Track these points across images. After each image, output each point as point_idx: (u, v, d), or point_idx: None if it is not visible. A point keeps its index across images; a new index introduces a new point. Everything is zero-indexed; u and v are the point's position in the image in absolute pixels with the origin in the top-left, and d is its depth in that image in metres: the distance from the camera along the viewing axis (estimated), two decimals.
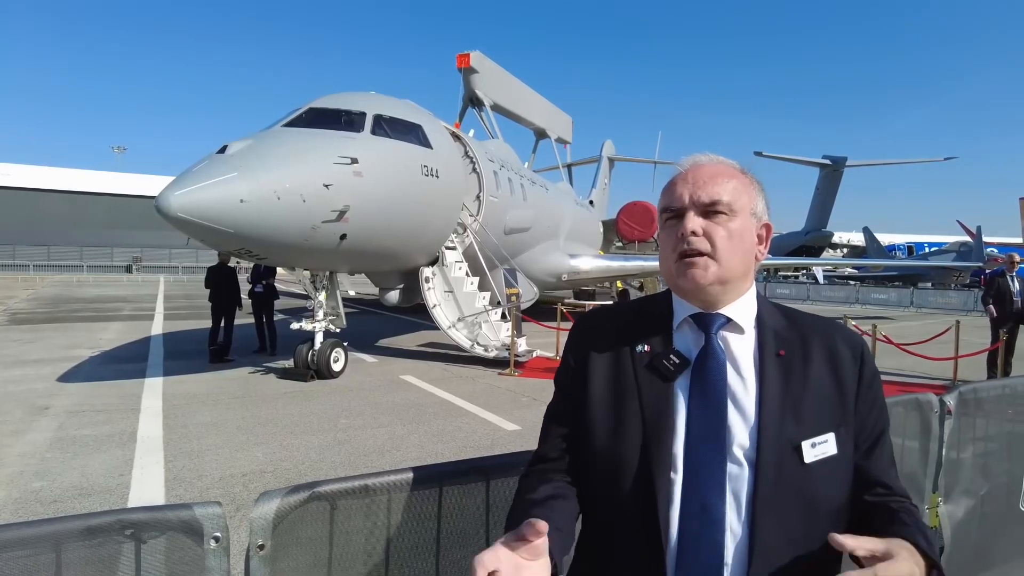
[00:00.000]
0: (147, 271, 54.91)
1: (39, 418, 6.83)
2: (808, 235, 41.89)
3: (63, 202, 55.72)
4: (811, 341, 1.20)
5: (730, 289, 1.19)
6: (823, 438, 1.12)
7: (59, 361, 10.30)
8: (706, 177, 1.18)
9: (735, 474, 1.09)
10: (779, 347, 1.18)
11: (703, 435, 1.11)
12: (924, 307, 26.61)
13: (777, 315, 1.25)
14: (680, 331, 1.23)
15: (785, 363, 1.17)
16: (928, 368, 10.20)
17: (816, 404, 1.14)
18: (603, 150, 30.73)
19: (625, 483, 1.14)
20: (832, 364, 1.18)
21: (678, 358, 1.17)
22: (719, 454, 1.10)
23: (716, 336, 1.18)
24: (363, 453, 5.87)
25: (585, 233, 21.50)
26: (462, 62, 15.63)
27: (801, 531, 1.09)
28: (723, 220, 1.16)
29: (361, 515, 1.52)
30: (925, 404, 2.84)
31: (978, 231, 34.79)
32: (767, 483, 1.08)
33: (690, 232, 1.15)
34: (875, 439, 1.19)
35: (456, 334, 10.99)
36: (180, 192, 6.73)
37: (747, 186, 1.21)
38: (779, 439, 1.10)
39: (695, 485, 1.09)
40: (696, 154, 1.25)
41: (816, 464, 1.10)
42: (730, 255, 1.16)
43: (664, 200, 1.23)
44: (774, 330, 1.21)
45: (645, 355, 1.20)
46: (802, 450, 1.10)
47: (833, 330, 1.24)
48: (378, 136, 9.04)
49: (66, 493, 4.75)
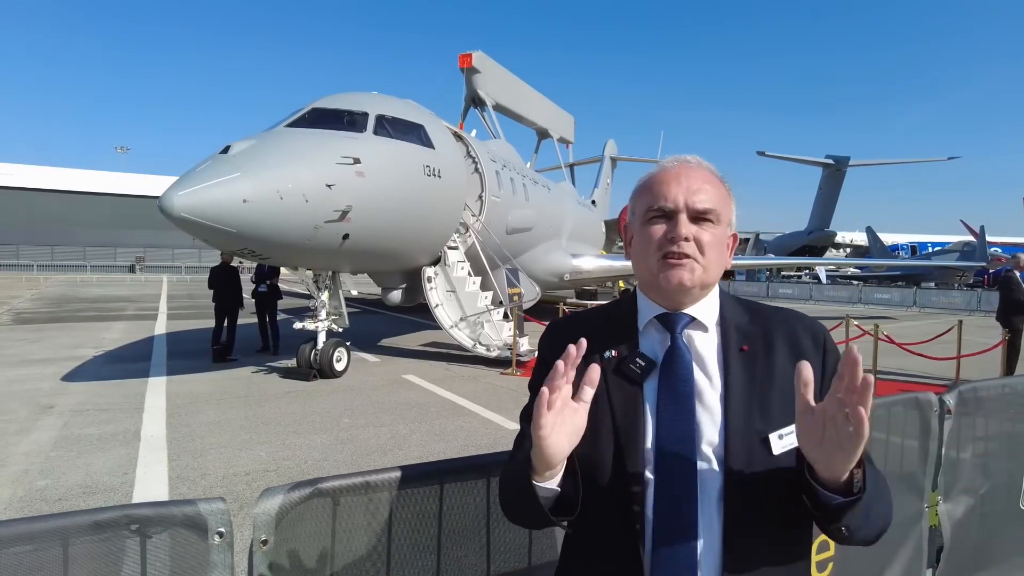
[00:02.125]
0: (150, 271, 55.06)
1: (44, 417, 6.87)
2: (811, 235, 41.83)
3: (66, 202, 55.95)
4: (774, 334, 1.23)
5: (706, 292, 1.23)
6: (789, 429, 1.13)
7: (63, 360, 10.35)
8: (699, 182, 1.19)
9: (706, 470, 1.11)
10: (742, 342, 1.21)
11: (673, 434, 1.13)
12: (927, 307, 26.54)
13: (739, 310, 1.27)
14: (646, 332, 1.25)
15: (749, 357, 1.19)
16: (931, 368, 10.19)
17: (781, 396, 1.15)
18: (605, 150, 30.71)
19: (602, 487, 1.16)
20: (795, 354, 1.19)
21: (644, 360, 1.19)
22: (689, 452, 1.12)
23: (681, 335, 1.21)
24: (365, 452, 5.90)
25: (587, 233, 21.50)
26: (464, 62, 15.63)
27: (772, 520, 1.12)
28: (709, 227, 1.18)
29: (363, 512, 1.54)
30: (924, 403, 2.85)
31: (982, 231, 34.69)
32: (737, 476, 1.10)
33: (683, 237, 1.16)
34: None
35: (458, 334, 11.01)
36: (183, 192, 6.76)
37: (728, 197, 1.24)
38: (746, 433, 1.12)
39: (667, 484, 1.11)
40: (681, 155, 1.26)
41: (784, 455, 1.12)
42: (713, 261, 1.19)
43: (650, 197, 1.22)
44: (736, 325, 1.23)
45: (613, 359, 1.22)
46: (770, 442, 1.13)
47: (794, 321, 1.27)
48: (380, 136, 9.05)
49: (71, 491, 4.78)
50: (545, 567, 1.84)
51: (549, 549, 1.85)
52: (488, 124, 16.88)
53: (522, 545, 1.81)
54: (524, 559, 1.81)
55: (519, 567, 1.81)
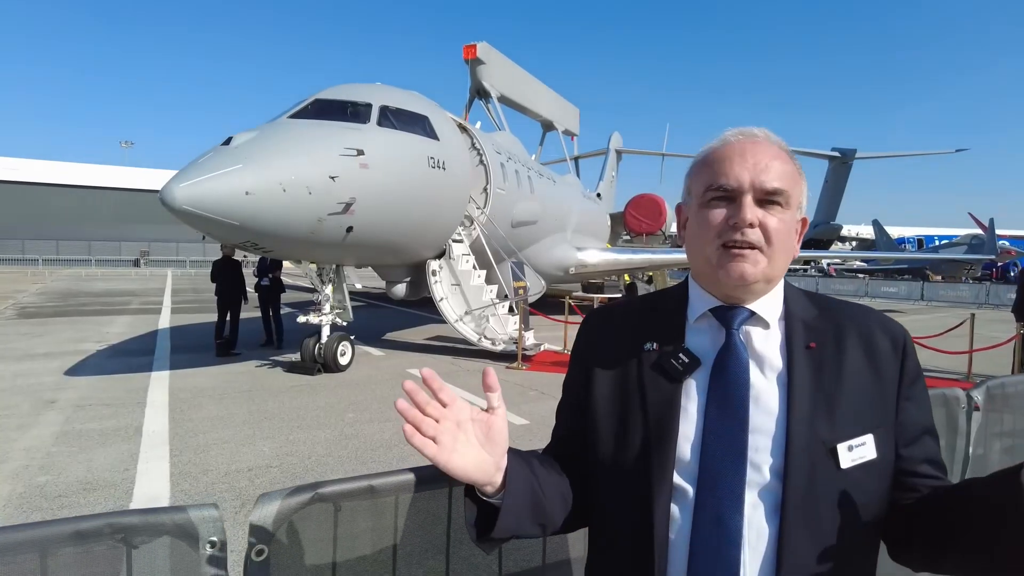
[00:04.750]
0: (155, 265, 55.07)
1: (46, 412, 6.80)
2: (817, 228, 41.65)
3: (71, 197, 56.12)
4: (845, 331, 1.08)
5: (770, 286, 1.08)
6: (861, 440, 0.99)
7: (67, 355, 10.30)
8: (768, 159, 1.04)
9: (759, 483, 0.98)
10: (809, 339, 1.06)
11: (720, 440, 1.00)
12: (934, 300, 26.36)
13: (807, 304, 1.12)
14: (698, 326, 1.11)
15: (816, 356, 1.04)
16: (941, 363, 10.05)
17: (853, 402, 1.02)
18: (610, 142, 30.48)
19: (628, 492, 1.05)
20: (870, 357, 1.05)
21: (688, 357, 1.06)
22: (737, 461, 0.99)
23: (738, 332, 1.07)
24: (370, 448, 5.81)
25: (592, 226, 21.35)
26: (469, 53, 15.48)
27: (833, 541, 0.97)
28: (777, 211, 1.03)
29: (367, 516, 1.44)
30: (952, 399, 2.74)
31: (990, 224, 34.44)
32: (797, 491, 0.96)
33: (747, 223, 1.01)
34: (917, 438, 1.07)
35: (463, 327, 10.92)
36: (185, 184, 6.66)
37: (798, 175, 1.08)
38: (811, 442, 0.98)
39: (709, 495, 0.99)
40: (748, 127, 1.09)
41: (854, 469, 0.98)
42: (780, 251, 1.04)
43: (710, 175, 1.06)
44: (803, 321, 1.08)
45: (653, 353, 1.09)
46: (838, 454, 0.98)
47: (871, 319, 1.11)
48: (384, 127, 8.93)
49: (71, 488, 4.71)
50: (560, 565, 1.75)
51: (564, 548, 1.76)
52: (492, 116, 16.75)
53: (536, 543, 1.71)
54: (538, 557, 1.72)
55: (532, 566, 1.72)
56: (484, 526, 1.05)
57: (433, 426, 1.00)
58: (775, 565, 0.96)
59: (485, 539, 1.06)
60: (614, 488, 1.09)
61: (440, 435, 0.99)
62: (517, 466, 1.08)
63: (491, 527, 1.04)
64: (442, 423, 1.01)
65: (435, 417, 1.00)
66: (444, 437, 1.00)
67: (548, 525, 1.14)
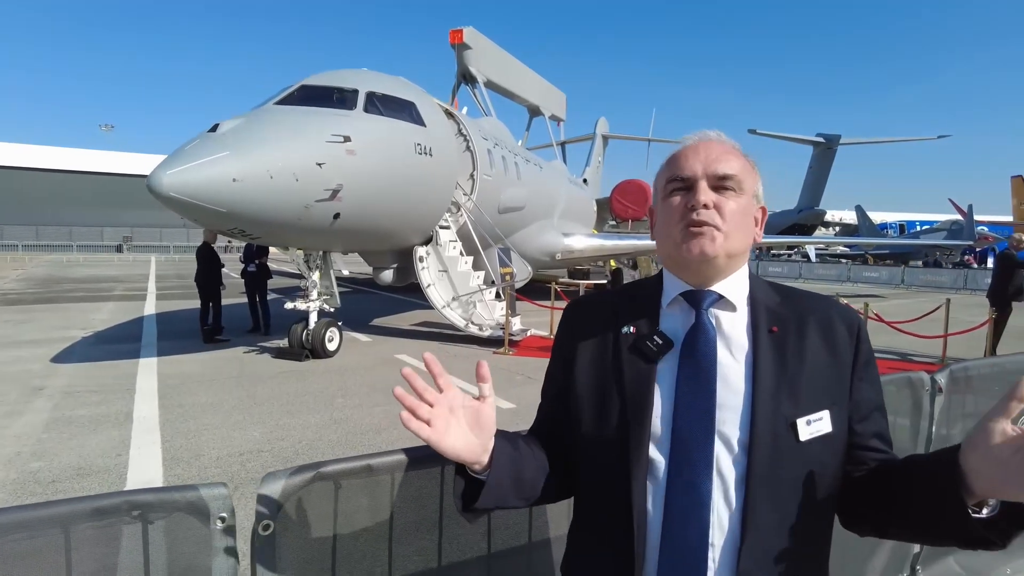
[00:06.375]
0: (138, 251, 54.49)
1: (34, 399, 6.83)
2: (801, 213, 42.00)
3: (51, 181, 55.12)
4: (806, 318, 1.19)
5: (731, 263, 1.18)
6: (818, 415, 1.11)
7: (53, 342, 10.27)
8: (718, 152, 1.17)
9: (726, 453, 1.09)
10: (772, 323, 1.17)
11: (690, 413, 1.11)
12: (915, 285, 26.79)
13: (770, 292, 1.24)
14: (670, 310, 1.22)
15: (779, 340, 1.15)
16: (918, 346, 10.31)
17: (811, 381, 1.13)
18: (597, 128, 30.47)
19: (608, 463, 1.16)
20: (828, 341, 1.17)
21: (661, 339, 1.17)
22: (706, 432, 1.09)
23: (706, 312, 1.17)
24: (360, 432, 5.92)
25: (579, 212, 21.43)
26: (455, 38, 15.39)
27: (793, 508, 1.09)
28: (731, 196, 1.15)
29: (364, 494, 1.54)
30: (916, 382, 2.88)
31: (969, 210, 34.93)
32: (761, 461, 1.07)
33: (702, 204, 1.13)
34: (868, 415, 1.19)
35: (451, 313, 11.00)
36: (172, 171, 6.66)
37: (751, 169, 1.20)
38: (774, 417, 1.09)
39: (682, 465, 1.09)
40: (703, 130, 1.23)
41: (811, 442, 1.10)
42: (736, 229, 1.15)
43: (670, 170, 1.20)
44: (767, 307, 1.20)
45: (630, 337, 1.20)
46: (797, 428, 1.09)
47: (829, 307, 1.23)
48: (371, 114, 8.93)
49: (64, 473, 4.77)
50: (543, 544, 1.88)
51: (546, 528, 1.88)
52: (479, 101, 16.70)
53: (522, 523, 1.83)
54: (524, 536, 1.84)
55: (519, 544, 1.84)
56: (470, 498, 1.18)
57: (428, 411, 1.11)
58: (740, 527, 1.07)
59: (470, 509, 1.19)
60: (595, 460, 1.20)
61: (434, 419, 1.11)
62: (503, 447, 1.20)
63: (475, 499, 1.17)
64: (436, 408, 1.12)
65: (430, 403, 1.12)
66: (438, 421, 1.12)
67: (529, 497, 1.27)
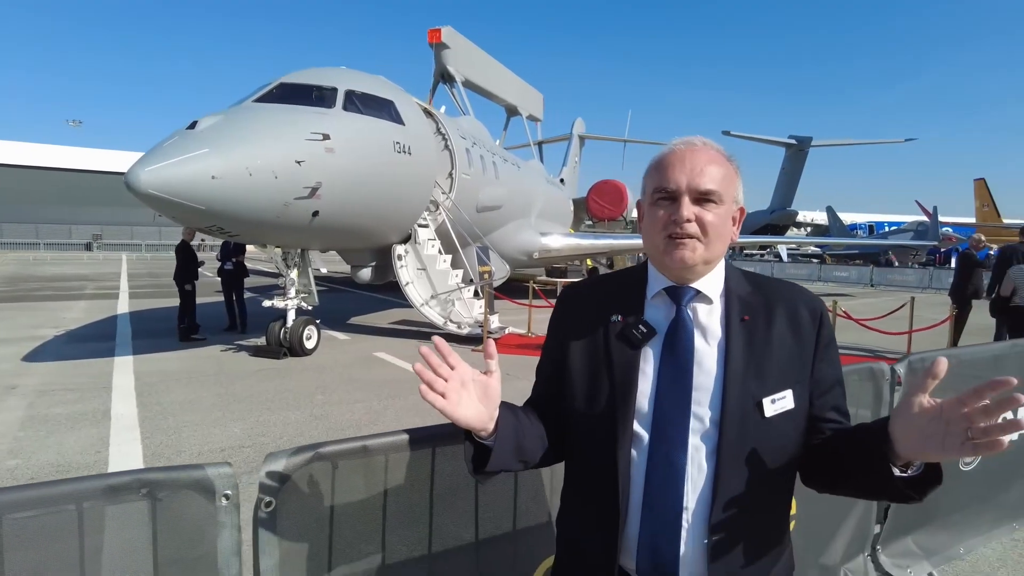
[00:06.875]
0: (108, 249, 53.32)
1: (7, 398, 6.74)
2: (773, 214, 42.67)
3: (16, 177, 53.74)
4: (774, 305, 1.32)
5: (708, 266, 1.31)
6: (782, 394, 1.25)
7: (23, 340, 10.10)
8: (702, 164, 1.25)
9: (700, 429, 1.23)
10: (744, 312, 1.30)
11: (670, 395, 1.25)
12: (883, 284, 27.47)
13: (744, 282, 1.37)
14: (654, 302, 1.35)
15: (749, 327, 1.29)
16: (884, 343, 10.63)
17: (777, 363, 1.27)
18: (574, 128, 30.67)
19: (598, 437, 1.30)
20: (793, 326, 1.30)
21: (646, 328, 1.30)
22: (684, 413, 1.23)
23: (686, 307, 1.31)
24: (341, 428, 5.96)
25: (556, 211, 21.60)
26: (433, 37, 15.42)
27: (759, 476, 1.24)
28: (712, 208, 1.25)
29: (360, 474, 1.64)
30: (878, 372, 3.06)
31: (934, 211, 35.89)
32: (731, 436, 1.21)
33: (684, 219, 1.23)
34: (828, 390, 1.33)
35: (429, 311, 11.06)
36: (150, 168, 6.62)
37: (733, 175, 1.31)
38: (742, 397, 1.23)
39: (661, 439, 1.24)
40: (689, 136, 1.32)
41: (775, 418, 1.24)
42: (716, 238, 1.27)
43: (656, 179, 1.29)
44: (739, 297, 1.33)
45: (618, 324, 1.33)
46: (763, 406, 1.24)
47: (795, 294, 1.37)
48: (350, 112, 8.95)
49: (43, 470, 4.75)
50: (529, 531, 2.00)
51: (531, 515, 2.01)
52: (457, 100, 16.75)
53: (507, 508, 1.95)
54: (508, 523, 1.96)
55: (503, 531, 1.95)
56: (479, 462, 1.31)
57: (443, 384, 1.22)
58: (711, 493, 1.22)
59: (480, 472, 1.32)
60: (585, 434, 1.34)
61: (448, 392, 1.22)
62: (507, 416, 1.33)
63: (484, 463, 1.30)
64: (450, 382, 1.23)
65: (445, 377, 1.23)
66: (451, 394, 1.22)
67: (529, 462, 1.40)
